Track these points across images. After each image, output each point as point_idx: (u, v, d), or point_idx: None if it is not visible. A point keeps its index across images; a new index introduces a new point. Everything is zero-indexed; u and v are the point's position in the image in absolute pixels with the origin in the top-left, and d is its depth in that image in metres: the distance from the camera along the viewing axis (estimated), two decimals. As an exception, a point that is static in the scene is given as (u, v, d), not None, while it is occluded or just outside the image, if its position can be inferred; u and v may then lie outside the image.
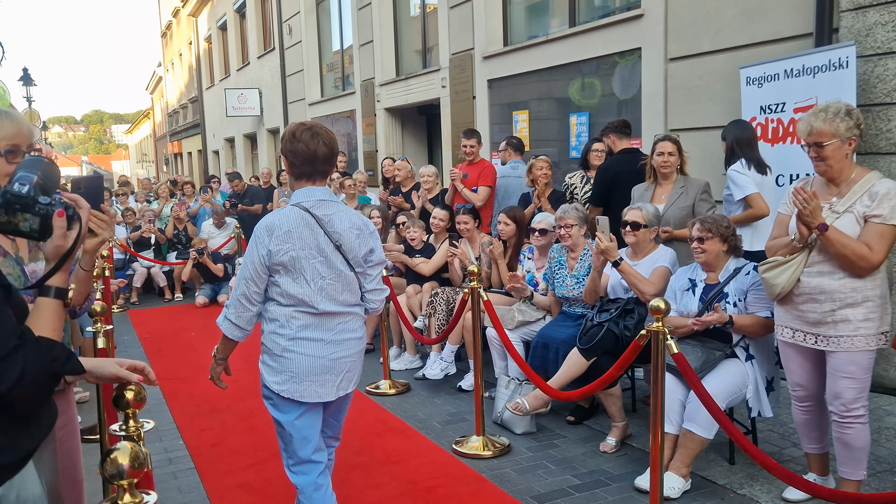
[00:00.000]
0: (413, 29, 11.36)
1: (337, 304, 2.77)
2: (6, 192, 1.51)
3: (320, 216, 2.73)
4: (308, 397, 2.76)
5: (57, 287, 1.58)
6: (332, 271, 2.75)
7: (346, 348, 2.81)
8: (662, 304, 2.86)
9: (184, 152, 30.32)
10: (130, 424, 1.92)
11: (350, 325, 2.83)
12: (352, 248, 2.78)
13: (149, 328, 8.20)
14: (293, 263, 2.69)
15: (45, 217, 1.55)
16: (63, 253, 1.59)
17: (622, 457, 4.16)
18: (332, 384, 2.79)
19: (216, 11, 21.76)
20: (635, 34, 6.71)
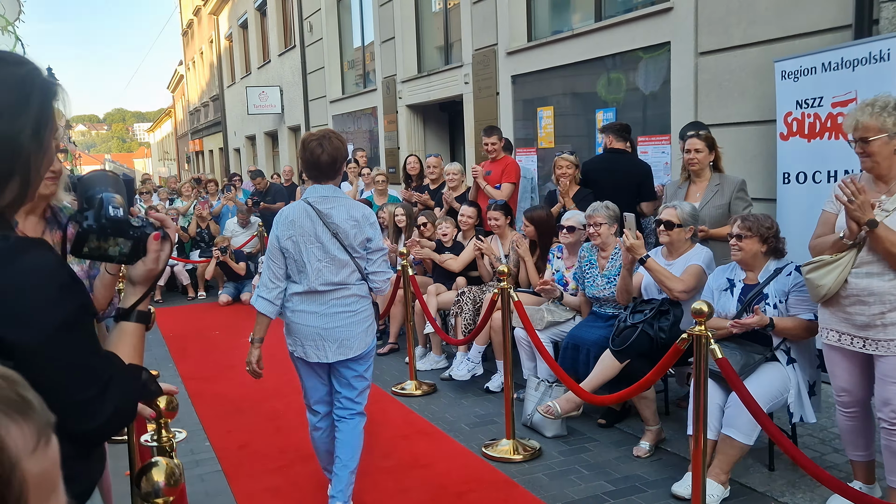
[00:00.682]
0: (435, 25, 11.27)
1: (330, 284, 3.31)
2: (101, 217, 1.42)
3: (321, 209, 3.29)
4: (309, 357, 3.37)
5: (139, 311, 1.51)
6: (328, 255, 3.28)
7: (337, 320, 3.33)
8: (705, 307, 2.76)
9: (205, 150, 30.48)
10: (163, 435, 1.85)
11: (343, 302, 3.34)
12: (347, 236, 3.29)
13: (173, 327, 8.20)
14: (295, 247, 3.28)
15: (138, 240, 1.47)
16: (154, 276, 1.52)
17: (657, 462, 4.06)
18: (329, 349, 3.34)
19: (237, 9, 21.80)
20: (664, 28, 6.57)
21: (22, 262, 1.18)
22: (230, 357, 6.72)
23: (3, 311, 1.16)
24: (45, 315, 1.20)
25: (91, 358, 1.29)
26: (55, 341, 1.21)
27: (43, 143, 1.30)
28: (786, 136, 5.11)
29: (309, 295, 3.31)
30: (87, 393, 1.26)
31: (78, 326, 1.26)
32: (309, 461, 4.21)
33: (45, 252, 1.23)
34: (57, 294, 1.22)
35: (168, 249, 1.57)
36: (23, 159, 1.25)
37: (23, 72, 1.28)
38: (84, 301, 1.29)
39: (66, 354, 1.24)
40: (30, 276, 1.19)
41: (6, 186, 1.24)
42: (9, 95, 1.23)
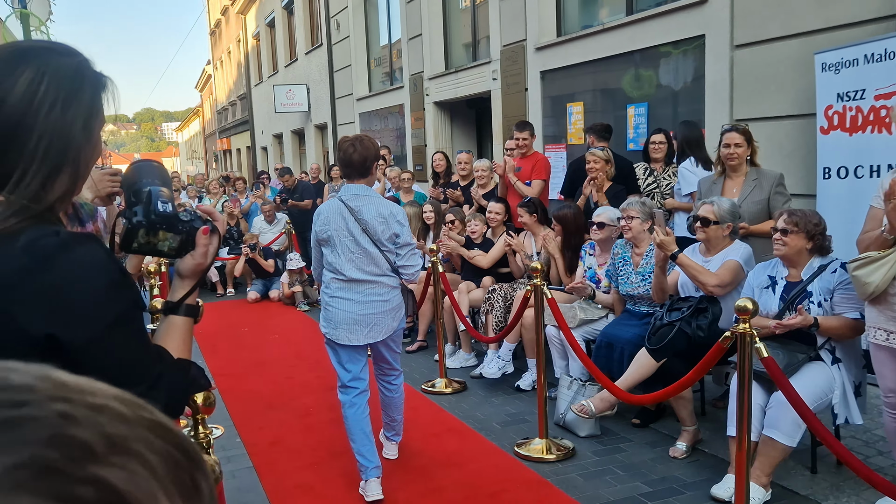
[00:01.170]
0: (462, 21, 11.21)
1: (363, 274, 3.64)
2: (150, 212, 1.40)
3: (353, 206, 3.61)
4: (342, 340, 3.66)
5: (188, 304, 1.49)
6: (359, 248, 3.61)
7: (371, 307, 3.66)
8: (750, 304, 2.67)
9: (233, 149, 30.72)
10: (200, 431, 1.83)
11: (376, 290, 3.67)
12: (375, 231, 3.60)
13: (202, 323, 8.11)
14: (330, 241, 3.65)
15: (187, 235, 1.44)
16: (202, 270, 1.50)
17: (694, 463, 3.97)
18: (362, 333, 3.66)
19: (264, 9, 21.92)
20: (698, 21, 6.45)
21: (72, 258, 1.16)
22: (260, 353, 6.74)
23: (53, 308, 1.14)
24: (96, 312, 1.18)
25: (141, 353, 1.27)
26: (106, 338, 1.19)
27: (92, 135, 1.28)
28: (826, 130, 4.98)
29: (347, 283, 3.66)
30: (136, 388, 1.23)
31: (128, 322, 1.24)
32: (340, 458, 4.20)
33: (95, 247, 1.20)
34: (107, 291, 1.19)
35: (216, 243, 1.54)
36: (73, 151, 1.23)
37: (74, 62, 1.26)
38: (134, 297, 1.27)
39: (117, 351, 1.22)
40: (80, 273, 1.16)
41: (57, 179, 1.22)
42: (61, 86, 1.21)
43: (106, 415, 0.40)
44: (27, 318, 1.13)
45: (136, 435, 0.40)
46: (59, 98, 1.21)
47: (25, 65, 1.20)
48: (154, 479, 0.39)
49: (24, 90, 1.18)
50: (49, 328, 1.14)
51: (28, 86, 1.18)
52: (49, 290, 1.14)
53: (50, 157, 1.20)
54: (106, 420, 0.40)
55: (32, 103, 1.19)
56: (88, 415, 0.39)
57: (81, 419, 0.39)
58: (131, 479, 0.38)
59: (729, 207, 4.04)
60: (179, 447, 0.44)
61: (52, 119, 1.20)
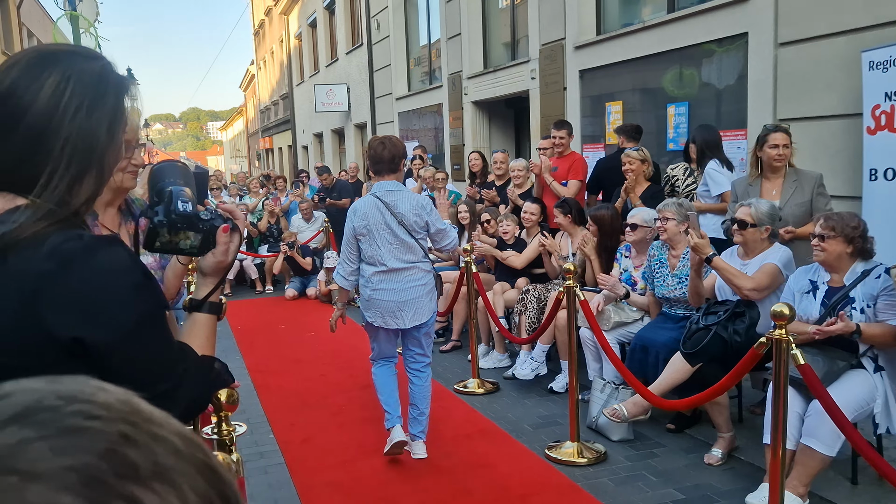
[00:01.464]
0: (501, 20, 11.16)
1: (402, 262, 3.97)
2: (171, 212, 1.44)
3: (388, 201, 3.93)
4: (389, 326, 4.03)
5: (211, 302, 1.51)
6: (397, 239, 3.94)
7: (411, 293, 4.00)
8: (786, 309, 2.60)
9: (275, 148, 31.12)
10: (223, 428, 1.84)
11: (414, 276, 4.01)
12: (411, 223, 3.94)
13: (241, 320, 8.36)
14: (369, 234, 3.94)
15: (208, 233, 1.47)
16: (224, 268, 1.52)
17: (729, 470, 3.88)
18: (406, 317, 4.01)
19: (306, 9, 22.14)
20: (741, 18, 6.31)
21: (96, 261, 1.18)
22: (296, 351, 6.80)
23: (78, 311, 1.16)
24: (119, 314, 1.19)
25: (165, 353, 1.29)
26: (129, 340, 1.21)
27: (116, 138, 1.30)
28: (873, 131, 4.82)
29: (387, 274, 3.97)
30: (161, 387, 1.27)
31: (151, 323, 1.26)
32: (371, 457, 4.21)
33: (118, 250, 1.22)
34: (130, 293, 1.21)
35: (237, 241, 1.56)
36: (98, 154, 1.25)
37: (98, 66, 1.27)
38: (157, 297, 1.29)
39: (141, 351, 1.24)
40: (104, 276, 1.18)
41: (83, 182, 1.24)
42: (86, 90, 1.23)
43: (162, 445, 0.43)
44: (53, 321, 1.14)
45: (183, 470, 0.43)
46: (83, 102, 1.22)
47: (51, 70, 1.21)
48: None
49: (50, 95, 1.20)
50: (75, 331, 1.16)
51: (53, 91, 1.20)
52: (74, 294, 1.16)
53: (76, 161, 1.22)
54: (161, 450, 0.42)
55: (58, 108, 1.20)
56: (147, 441, 0.42)
57: (140, 443, 0.42)
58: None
59: (767, 210, 3.94)
60: (222, 495, 0.46)
61: (77, 123, 1.21)
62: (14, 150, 1.20)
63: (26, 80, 1.20)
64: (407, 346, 4.21)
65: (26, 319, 1.14)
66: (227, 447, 1.84)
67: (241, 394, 5.48)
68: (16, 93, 1.19)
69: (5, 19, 18.02)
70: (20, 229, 1.15)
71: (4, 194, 1.22)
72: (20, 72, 1.21)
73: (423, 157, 10.59)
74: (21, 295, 1.14)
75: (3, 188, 1.22)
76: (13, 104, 1.19)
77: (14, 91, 1.19)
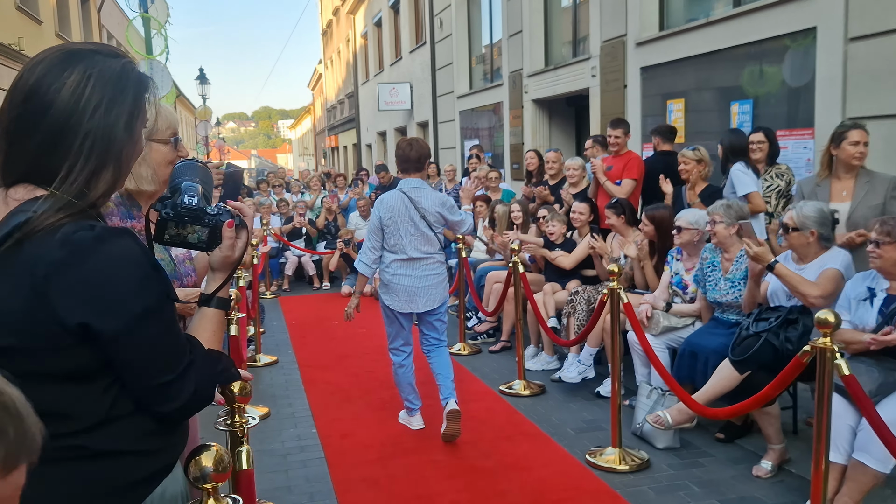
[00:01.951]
0: (563, 18, 11.01)
1: (420, 252, 4.39)
2: (177, 205, 1.48)
3: (413, 197, 4.36)
4: (404, 309, 4.44)
5: (219, 297, 1.54)
6: (418, 231, 4.36)
7: (427, 280, 4.43)
8: (831, 317, 2.45)
9: (340, 146, 31.57)
10: (236, 420, 1.85)
11: (430, 266, 4.44)
12: (431, 218, 4.38)
13: (296, 315, 8.50)
14: (394, 225, 4.34)
15: (214, 228, 1.51)
16: (231, 263, 1.54)
17: (778, 484, 3.71)
18: (420, 303, 4.43)
19: (372, 8, 22.39)
20: (810, 12, 6.03)
21: (105, 251, 1.21)
22: (346, 347, 6.86)
23: (87, 299, 1.20)
24: (126, 304, 1.23)
25: (171, 344, 1.32)
26: (136, 329, 1.24)
27: (134, 134, 1.34)
28: (948, 130, 4.53)
29: (406, 262, 4.38)
30: (165, 377, 1.30)
31: (158, 314, 1.29)
32: (409, 455, 4.21)
33: (128, 241, 1.25)
34: (138, 283, 1.24)
35: (245, 237, 1.57)
36: (116, 150, 1.29)
37: (118, 65, 1.32)
38: (165, 289, 1.32)
39: (147, 341, 1.27)
40: (112, 266, 1.22)
41: (101, 176, 1.28)
42: (106, 87, 1.28)
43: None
44: (62, 307, 1.19)
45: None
46: (103, 99, 1.27)
47: (73, 68, 1.26)
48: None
49: (72, 92, 1.25)
50: (82, 318, 1.20)
51: (75, 88, 1.25)
52: (83, 282, 1.19)
53: (94, 156, 1.27)
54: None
55: (79, 105, 1.25)
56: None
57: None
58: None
59: (813, 214, 3.73)
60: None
61: (96, 119, 1.26)
62: (36, 144, 1.25)
63: (50, 77, 1.25)
64: (423, 330, 4.62)
65: (37, 305, 1.19)
66: (239, 439, 1.85)
67: (290, 387, 5.58)
68: (40, 90, 1.25)
69: (86, 22, 18.85)
70: (39, 220, 1.20)
71: (26, 185, 1.27)
72: (44, 69, 1.26)
73: (480, 157, 10.55)
74: (33, 280, 1.18)
75: (24, 179, 1.28)
76: (38, 101, 1.25)
77: (38, 88, 1.25)
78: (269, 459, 4.21)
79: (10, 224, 1.20)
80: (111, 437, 1.28)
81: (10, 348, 1.20)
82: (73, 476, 1.26)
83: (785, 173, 5.36)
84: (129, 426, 1.30)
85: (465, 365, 6.08)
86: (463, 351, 6.48)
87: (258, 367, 6.20)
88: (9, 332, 1.19)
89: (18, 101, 1.25)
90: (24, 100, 1.25)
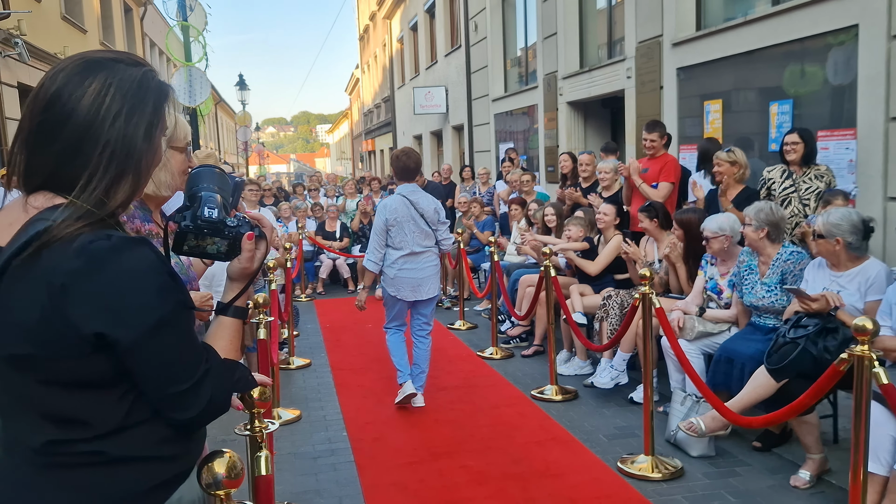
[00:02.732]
0: (598, 19, 10.91)
1: (421, 247, 5.03)
2: (197, 217, 1.48)
3: (412, 200, 5.02)
4: (408, 298, 5.07)
5: (236, 306, 1.55)
6: (419, 229, 5.01)
7: (427, 271, 5.07)
8: (869, 324, 2.37)
9: (376, 150, 31.76)
10: (256, 425, 1.85)
11: (429, 258, 5.08)
12: (429, 218, 5.03)
13: (331, 318, 8.55)
14: (399, 225, 4.97)
15: (233, 240, 1.51)
16: (250, 273, 1.55)
17: (817, 495, 3.60)
18: (421, 291, 5.06)
19: (408, 13, 22.49)
20: (851, 9, 5.87)
21: (121, 261, 1.21)
22: (379, 350, 6.85)
23: (102, 308, 1.20)
24: (141, 313, 1.23)
25: (187, 353, 1.32)
26: (151, 338, 1.24)
27: (153, 142, 1.34)
28: None
29: (409, 256, 5.00)
30: (181, 386, 1.30)
31: (175, 323, 1.29)
32: (439, 459, 4.19)
33: (145, 251, 1.25)
34: (154, 293, 1.24)
35: (264, 248, 1.57)
36: (136, 159, 1.30)
37: (139, 73, 1.32)
38: (181, 298, 1.31)
39: (162, 350, 1.27)
40: (128, 276, 1.22)
41: (120, 185, 1.29)
42: (126, 96, 1.28)
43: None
44: (78, 316, 1.19)
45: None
46: (123, 108, 1.27)
47: (94, 76, 1.27)
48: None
49: (92, 101, 1.25)
50: (97, 327, 1.20)
51: (95, 97, 1.26)
52: (99, 291, 1.20)
53: (114, 164, 1.27)
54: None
55: (99, 113, 1.25)
56: None
57: None
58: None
59: (839, 221, 3.62)
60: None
61: (116, 128, 1.26)
62: (56, 152, 1.26)
63: (71, 86, 1.26)
64: (416, 316, 5.21)
65: (54, 314, 1.19)
66: (258, 444, 1.85)
67: (322, 391, 5.61)
68: (60, 98, 1.25)
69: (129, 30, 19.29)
70: (58, 228, 1.20)
71: (45, 193, 1.28)
72: (66, 78, 1.27)
73: (515, 159, 10.50)
74: (50, 290, 1.19)
75: (44, 187, 1.28)
76: (58, 109, 1.25)
77: (59, 97, 1.25)
78: (300, 462, 4.23)
79: (30, 232, 1.21)
80: (128, 443, 1.29)
81: (30, 356, 1.22)
82: (90, 482, 1.27)
83: (825, 174, 5.22)
84: (146, 433, 1.30)
85: (497, 369, 6.05)
86: (495, 355, 6.44)
87: (291, 369, 6.26)
88: (28, 340, 1.20)
89: (39, 109, 1.26)
90: (45, 108, 1.25)
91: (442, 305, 8.97)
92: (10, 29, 9.94)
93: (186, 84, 11.08)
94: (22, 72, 10.69)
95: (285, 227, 9.51)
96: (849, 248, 3.64)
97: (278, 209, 9.94)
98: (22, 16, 9.97)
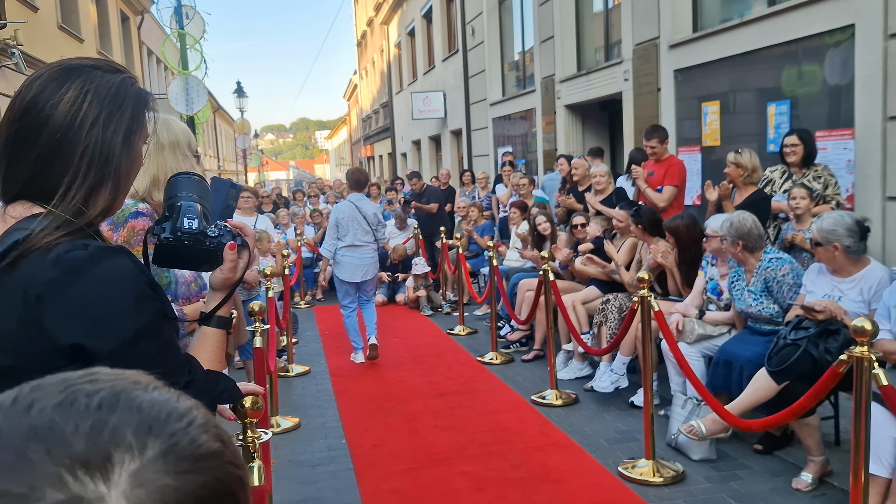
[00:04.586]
0: (595, 22, 10.92)
1: (363, 242, 6.45)
2: (177, 230, 1.45)
3: (358, 205, 6.46)
4: (353, 279, 6.50)
5: (219, 316, 1.52)
6: (361, 228, 6.43)
7: (366, 260, 6.51)
8: (868, 326, 2.35)
9: (375, 155, 31.78)
10: (248, 435, 1.84)
11: (367, 252, 6.52)
12: (370, 219, 6.48)
13: (330, 324, 8.52)
14: (346, 224, 6.40)
15: (214, 250, 1.49)
16: (232, 283, 1.53)
17: (819, 497, 3.58)
18: (360, 274, 6.51)
19: (405, 18, 22.51)
20: (847, 9, 5.86)
21: (98, 270, 1.19)
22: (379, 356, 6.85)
23: (79, 319, 1.18)
24: (119, 324, 1.20)
25: (167, 364, 1.28)
26: (130, 349, 1.22)
27: (133, 149, 1.32)
28: None
29: (353, 247, 6.43)
30: None
31: (155, 333, 1.26)
32: (439, 465, 4.17)
33: (123, 260, 1.23)
34: (132, 302, 1.22)
35: (246, 258, 1.55)
36: (115, 166, 1.27)
37: (117, 80, 1.30)
38: (161, 309, 1.29)
39: (140, 362, 1.22)
40: (105, 285, 1.19)
41: (99, 193, 1.26)
42: (103, 103, 1.26)
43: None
44: (55, 328, 1.17)
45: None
46: (100, 114, 1.25)
47: (70, 83, 1.24)
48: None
49: (69, 108, 1.23)
50: (75, 338, 1.17)
51: (72, 103, 1.23)
52: (75, 302, 1.17)
53: (93, 172, 1.24)
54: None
55: (76, 120, 1.23)
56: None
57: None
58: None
59: (832, 227, 3.60)
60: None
61: (93, 134, 1.24)
62: (34, 160, 1.23)
63: (47, 93, 1.24)
64: (360, 293, 6.68)
65: (31, 324, 1.17)
66: (251, 454, 1.84)
67: (321, 398, 5.58)
68: (37, 105, 1.23)
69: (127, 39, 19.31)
70: (35, 238, 1.18)
71: (23, 202, 1.26)
72: (42, 85, 1.25)
73: (513, 164, 10.50)
74: (26, 301, 1.16)
75: (22, 196, 1.26)
76: (34, 117, 1.23)
77: (35, 104, 1.23)
78: (299, 470, 4.21)
79: (7, 242, 1.19)
80: None
81: (8, 368, 1.19)
82: None
83: (822, 174, 5.20)
84: None
85: (497, 374, 6.03)
86: (495, 360, 6.42)
87: (290, 377, 6.23)
88: (6, 352, 1.18)
89: (16, 116, 1.24)
90: (22, 115, 1.23)
91: (442, 311, 8.96)
92: (7, 39, 9.95)
93: (183, 92, 11.08)
94: (18, 82, 10.60)
95: (283, 234, 9.50)
96: (848, 252, 3.62)
97: (276, 216, 9.93)
98: (18, 26, 9.97)
